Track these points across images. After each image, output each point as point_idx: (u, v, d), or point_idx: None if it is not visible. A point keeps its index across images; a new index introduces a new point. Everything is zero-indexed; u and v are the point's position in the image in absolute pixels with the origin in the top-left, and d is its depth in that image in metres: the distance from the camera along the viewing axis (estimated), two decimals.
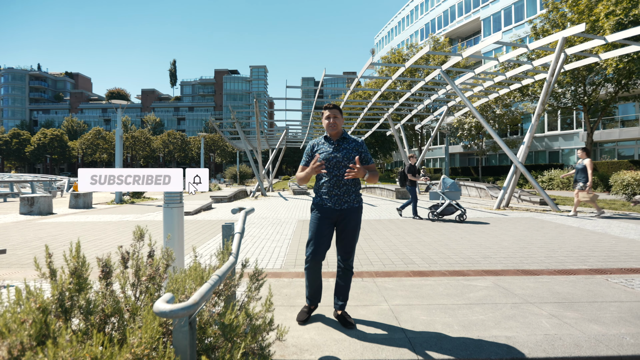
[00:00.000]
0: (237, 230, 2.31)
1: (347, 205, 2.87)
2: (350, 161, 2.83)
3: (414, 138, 40.06)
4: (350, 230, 2.88)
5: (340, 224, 2.89)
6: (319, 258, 2.90)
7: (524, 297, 3.53)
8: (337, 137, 2.94)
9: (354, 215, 2.89)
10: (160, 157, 74.76)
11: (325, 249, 2.90)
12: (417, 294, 3.67)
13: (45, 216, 11.02)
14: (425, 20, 47.87)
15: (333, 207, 2.85)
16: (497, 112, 27.24)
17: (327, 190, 2.87)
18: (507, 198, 11.78)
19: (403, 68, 14.46)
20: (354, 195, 2.91)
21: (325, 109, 2.95)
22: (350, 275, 2.98)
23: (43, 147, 74.19)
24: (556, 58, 10.54)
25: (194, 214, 10.93)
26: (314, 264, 2.91)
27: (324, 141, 2.95)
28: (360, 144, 2.93)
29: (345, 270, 2.96)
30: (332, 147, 2.88)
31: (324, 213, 2.86)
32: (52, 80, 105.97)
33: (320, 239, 2.86)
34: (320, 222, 2.86)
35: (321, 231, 2.86)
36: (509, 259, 5.09)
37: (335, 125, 2.89)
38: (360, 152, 2.91)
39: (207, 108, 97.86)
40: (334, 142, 2.91)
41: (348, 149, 2.87)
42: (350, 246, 2.92)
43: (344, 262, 2.95)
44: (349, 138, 2.96)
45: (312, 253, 2.88)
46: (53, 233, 7.72)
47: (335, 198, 2.85)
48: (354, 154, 2.87)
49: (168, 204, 3.42)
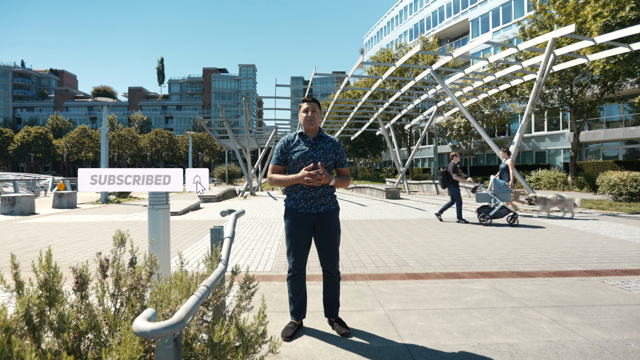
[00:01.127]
0: (227, 235, 2.16)
1: (324, 208, 2.68)
2: (327, 162, 2.65)
3: (403, 138, 40.20)
4: (331, 235, 2.70)
5: (320, 229, 2.69)
6: (302, 267, 2.75)
7: (522, 300, 3.46)
8: (314, 134, 2.72)
9: (332, 219, 2.71)
10: (147, 156, 73.63)
11: (306, 256, 2.75)
12: (413, 298, 3.56)
13: (27, 216, 10.64)
14: (414, 21, 48.11)
15: (309, 211, 2.65)
16: (486, 112, 27.48)
17: (302, 193, 2.65)
18: None
19: (394, 67, 14.41)
20: (330, 197, 2.72)
21: (304, 102, 2.73)
22: (338, 281, 2.83)
23: (27, 146, 72.34)
24: (546, 58, 10.60)
25: (181, 214, 10.68)
26: (298, 275, 2.75)
27: (299, 138, 2.71)
28: (337, 144, 2.74)
29: (333, 277, 2.80)
30: (309, 146, 2.66)
31: (299, 219, 2.65)
32: (36, 77, 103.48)
33: (299, 247, 2.69)
34: (297, 229, 2.66)
35: (299, 239, 2.68)
36: (503, 261, 5.03)
37: (313, 119, 2.67)
38: (337, 153, 2.73)
39: (195, 107, 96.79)
40: (310, 139, 2.69)
41: (325, 149, 2.67)
42: (334, 251, 2.75)
43: (330, 268, 2.77)
44: (325, 137, 2.74)
45: (294, 264, 2.71)
46: (34, 234, 7.42)
47: (311, 201, 2.64)
48: (331, 155, 2.68)
49: (153, 205, 3.24)
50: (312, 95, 22.20)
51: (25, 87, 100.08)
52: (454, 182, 8.90)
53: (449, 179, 8.93)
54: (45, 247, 6.11)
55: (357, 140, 40.91)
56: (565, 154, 28.46)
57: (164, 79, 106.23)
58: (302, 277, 2.77)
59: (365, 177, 50.37)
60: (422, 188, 23.22)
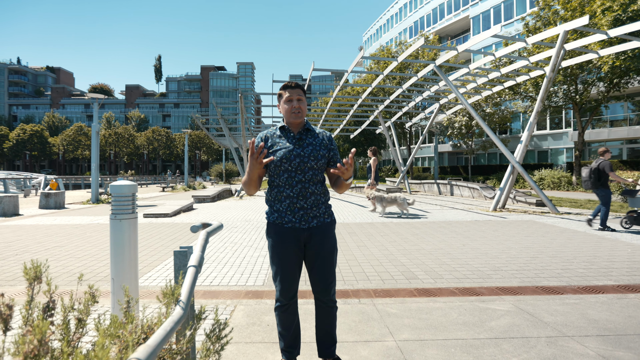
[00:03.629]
0: (192, 262, 1.60)
1: (317, 221, 2.12)
2: (318, 160, 2.09)
3: (403, 137, 39.63)
4: (326, 254, 2.13)
5: (312, 247, 2.12)
6: (292, 296, 2.18)
7: (557, 326, 2.92)
8: (300, 127, 2.16)
9: (327, 235, 2.15)
10: (144, 154, 72.87)
11: (297, 282, 2.18)
12: (427, 323, 3.02)
13: (9, 218, 10.08)
14: (414, 18, 47.52)
15: (298, 226, 2.08)
16: (487, 110, 26.96)
17: (288, 203, 2.08)
18: (503, 199, 11.30)
19: (395, 62, 13.86)
20: (323, 207, 2.16)
21: (285, 88, 2.13)
22: (334, 312, 2.24)
23: (22, 143, 71.46)
24: (557, 52, 10.06)
25: (172, 216, 10.11)
26: (287, 305, 2.18)
27: (280, 133, 2.15)
28: (329, 138, 2.20)
29: (327, 308, 2.21)
30: (293, 142, 2.10)
31: (286, 236, 2.08)
32: (32, 74, 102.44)
33: (288, 272, 2.11)
34: (283, 249, 2.09)
35: (287, 262, 2.10)
36: (523, 272, 4.49)
37: (301, 111, 2.10)
38: (330, 149, 2.17)
39: (193, 104, 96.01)
40: (294, 134, 2.13)
41: (315, 145, 2.12)
42: (329, 275, 2.16)
43: (324, 296, 2.18)
44: (313, 130, 2.19)
45: (282, 293, 2.14)
46: (10, 239, 6.86)
47: (300, 213, 2.08)
48: (322, 151, 2.12)
49: (116, 215, 2.69)
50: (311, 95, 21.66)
51: (21, 84, 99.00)
52: (605, 183, 7.46)
53: (600, 179, 7.41)
54: (18, 255, 5.55)
55: (356, 139, 40.26)
56: (568, 153, 27.99)
57: (161, 76, 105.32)
58: (292, 307, 2.21)
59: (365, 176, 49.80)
60: (424, 188, 22.69)
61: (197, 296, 3.75)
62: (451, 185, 19.03)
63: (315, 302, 2.24)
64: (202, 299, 3.66)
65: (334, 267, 2.19)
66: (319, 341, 2.29)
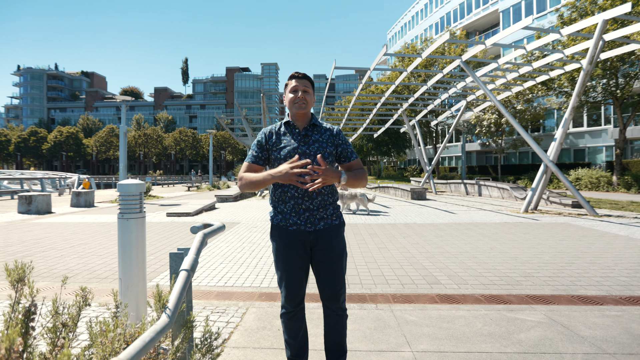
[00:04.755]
0: (184, 266, 1.47)
1: (324, 223, 1.95)
2: (326, 159, 1.92)
3: (429, 135, 38.72)
4: (334, 259, 1.97)
5: (319, 251, 1.95)
6: (298, 302, 2.02)
7: (596, 342, 2.62)
8: (305, 122, 1.99)
9: (336, 238, 1.98)
10: (172, 154, 74.87)
11: (304, 288, 2.03)
12: (448, 333, 2.80)
13: (42, 215, 10.48)
14: (440, 14, 46.37)
15: (304, 229, 1.92)
16: (518, 107, 25.85)
17: (293, 204, 1.92)
18: (535, 200, 10.72)
19: (420, 59, 13.47)
20: (331, 208, 1.99)
21: (292, 77, 1.97)
22: (344, 320, 2.07)
23: (59, 145, 75.09)
24: (595, 44, 9.42)
25: (193, 215, 10.20)
26: (293, 312, 2.04)
27: (285, 129, 1.99)
28: (337, 133, 2.02)
29: (336, 316, 2.04)
30: (298, 139, 1.95)
31: (291, 239, 1.93)
32: (68, 79, 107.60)
33: (293, 278, 1.96)
34: (288, 254, 1.94)
35: (293, 267, 1.95)
36: (557, 279, 4.15)
37: (305, 102, 1.94)
38: (337, 145, 1.99)
39: (218, 105, 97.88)
40: (300, 130, 1.97)
41: (321, 142, 1.96)
42: (338, 281, 1.99)
43: (332, 303, 2.01)
44: (320, 125, 2.02)
45: (288, 299, 2.00)
46: (39, 236, 7.08)
47: (306, 214, 1.92)
48: (329, 149, 1.95)
49: (123, 214, 2.62)
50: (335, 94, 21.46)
51: (58, 89, 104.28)
52: None
53: None
54: (45, 251, 5.69)
55: (380, 138, 39.75)
56: (607, 151, 26.43)
57: (188, 78, 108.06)
58: (299, 314, 2.06)
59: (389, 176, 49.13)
60: (450, 188, 22.05)
61: (211, 297, 3.68)
62: (479, 185, 18.37)
63: (324, 309, 2.08)
64: (215, 300, 3.58)
65: (343, 273, 2.02)
66: (327, 351, 2.12)
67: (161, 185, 38.88)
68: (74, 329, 1.47)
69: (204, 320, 3.10)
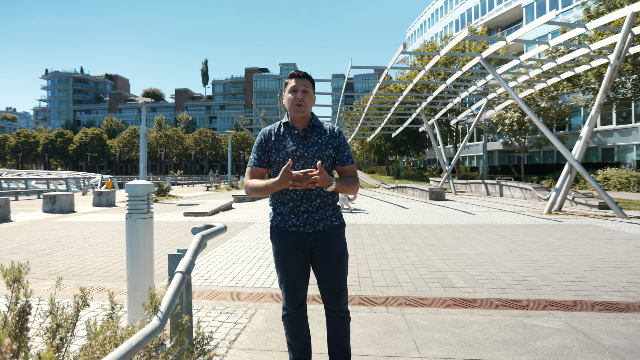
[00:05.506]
0: (180, 268, 1.45)
1: (323, 225, 1.92)
2: (324, 162, 1.89)
3: (449, 134, 38.04)
4: (334, 261, 1.93)
5: (319, 252, 1.92)
6: (300, 304, 2.00)
7: (619, 352, 2.47)
8: (305, 123, 1.94)
9: (335, 239, 1.94)
10: (192, 154, 76.22)
11: (305, 289, 2.00)
12: (460, 339, 2.69)
13: (65, 214, 10.81)
14: (461, 10, 45.46)
15: (303, 230, 1.89)
16: (542, 105, 25.03)
17: (292, 206, 1.89)
18: (559, 201, 10.33)
19: (438, 56, 13.21)
20: (331, 209, 1.95)
21: (292, 76, 1.92)
22: (347, 323, 2.02)
23: (84, 146, 77.65)
24: (623, 37, 9.00)
25: (210, 215, 10.32)
26: (294, 314, 2.01)
27: (284, 130, 1.95)
28: (337, 135, 1.96)
29: (338, 319, 1.99)
30: (297, 141, 1.91)
31: (290, 241, 1.91)
32: (93, 82, 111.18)
33: (293, 280, 1.94)
34: (287, 255, 1.92)
35: (292, 268, 1.92)
36: (579, 285, 3.96)
37: (304, 104, 1.88)
38: (336, 147, 1.94)
39: (237, 106, 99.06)
40: (299, 132, 1.92)
41: (320, 144, 1.91)
42: (339, 283, 1.95)
43: (334, 305, 1.97)
44: (319, 126, 1.96)
45: (289, 301, 1.98)
46: (60, 234, 7.30)
47: (305, 216, 1.89)
48: (328, 151, 1.91)
49: (131, 214, 2.64)
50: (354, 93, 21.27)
51: (83, 91, 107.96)
52: None
53: None
54: (64, 250, 5.86)
55: (398, 137, 39.34)
56: (638, 150, 25.29)
57: (207, 79, 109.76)
58: (301, 316, 2.03)
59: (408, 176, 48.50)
60: (470, 188, 21.59)
61: (221, 297, 3.68)
62: (500, 186, 17.89)
63: (326, 311, 2.03)
64: (225, 301, 3.59)
65: (344, 274, 1.97)
66: (331, 355, 2.07)
67: (181, 185, 39.65)
68: (71, 329, 1.47)
69: (211, 320, 3.10)
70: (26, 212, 11.25)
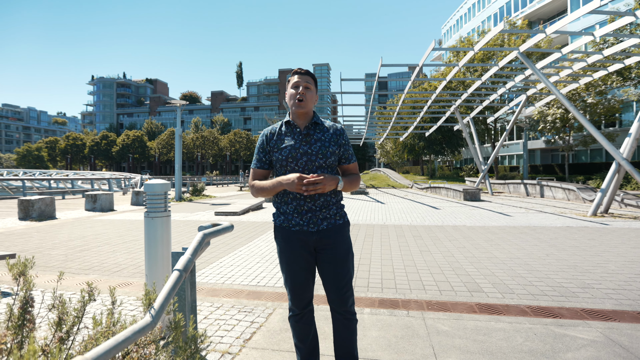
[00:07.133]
0: (178, 266, 1.45)
1: (327, 223, 1.88)
2: (327, 158, 1.85)
3: (486, 133, 36.51)
4: (338, 260, 1.89)
5: (323, 252, 1.89)
6: (306, 304, 1.96)
7: None
8: (306, 121, 1.91)
9: (340, 238, 1.90)
10: (227, 155, 78.26)
11: (311, 289, 1.96)
12: (483, 347, 2.54)
13: (105, 213, 11.39)
14: (499, 4, 43.57)
15: (306, 229, 1.86)
16: (589, 100, 23.46)
17: (295, 205, 1.86)
18: (606, 202, 9.63)
19: (472, 52, 12.73)
20: (335, 208, 1.91)
21: (295, 73, 1.91)
22: (354, 325, 1.96)
23: (126, 148, 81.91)
24: None
25: (240, 214, 10.51)
26: (301, 314, 1.98)
27: (286, 129, 1.92)
28: (340, 132, 1.93)
29: (344, 320, 1.93)
30: (300, 139, 1.87)
31: (294, 240, 1.88)
32: (135, 86, 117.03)
33: (298, 280, 1.90)
34: (291, 255, 1.89)
35: (297, 268, 1.89)
36: (622, 293, 3.65)
37: (305, 100, 1.86)
38: (340, 145, 1.90)
39: (271, 107, 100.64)
40: (301, 129, 1.89)
41: (323, 141, 1.88)
42: (344, 284, 1.90)
43: (339, 306, 1.93)
44: (322, 124, 1.93)
45: (295, 301, 1.95)
46: (99, 231, 7.69)
47: (308, 215, 1.86)
48: (332, 148, 1.87)
49: (149, 213, 2.71)
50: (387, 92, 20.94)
51: (126, 95, 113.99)
52: None
53: None
54: (100, 246, 6.16)
55: (432, 137, 38.31)
56: None
57: (242, 81, 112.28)
58: (307, 316, 1.99)
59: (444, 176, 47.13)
60: (508, 189, 20.65)
61: (241, 296, 3.71)
62: (541, 186, 16.98)
63: (332, 313, 1.98)
64: (245, 299, 3.61)
65: (349, 275, 1.92)
66: (337, 358, 2.01)
67: (216, 185, 40.82)
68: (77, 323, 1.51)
69: (229, 319, 3.13)
70: (70, 210, 11.97)
